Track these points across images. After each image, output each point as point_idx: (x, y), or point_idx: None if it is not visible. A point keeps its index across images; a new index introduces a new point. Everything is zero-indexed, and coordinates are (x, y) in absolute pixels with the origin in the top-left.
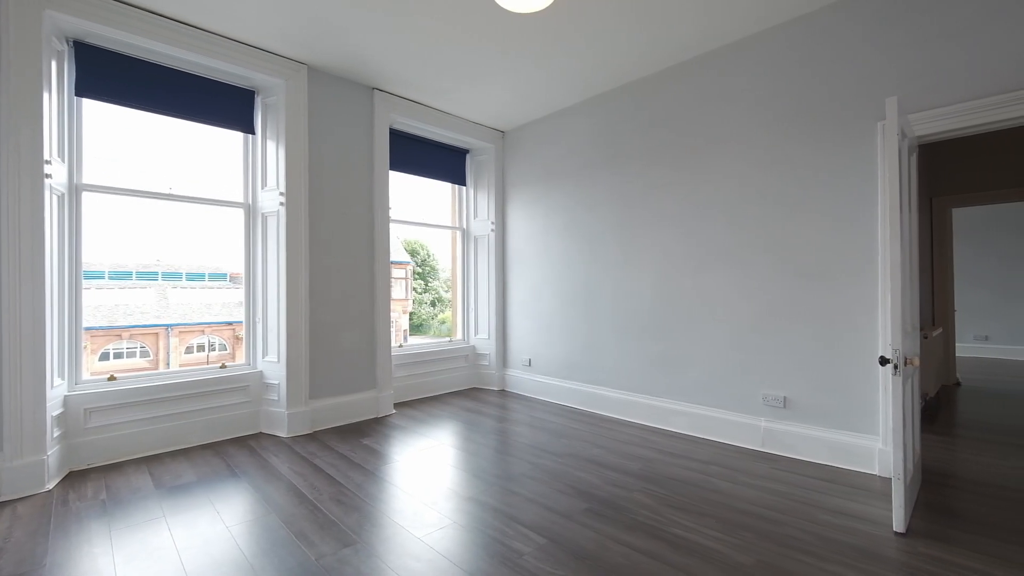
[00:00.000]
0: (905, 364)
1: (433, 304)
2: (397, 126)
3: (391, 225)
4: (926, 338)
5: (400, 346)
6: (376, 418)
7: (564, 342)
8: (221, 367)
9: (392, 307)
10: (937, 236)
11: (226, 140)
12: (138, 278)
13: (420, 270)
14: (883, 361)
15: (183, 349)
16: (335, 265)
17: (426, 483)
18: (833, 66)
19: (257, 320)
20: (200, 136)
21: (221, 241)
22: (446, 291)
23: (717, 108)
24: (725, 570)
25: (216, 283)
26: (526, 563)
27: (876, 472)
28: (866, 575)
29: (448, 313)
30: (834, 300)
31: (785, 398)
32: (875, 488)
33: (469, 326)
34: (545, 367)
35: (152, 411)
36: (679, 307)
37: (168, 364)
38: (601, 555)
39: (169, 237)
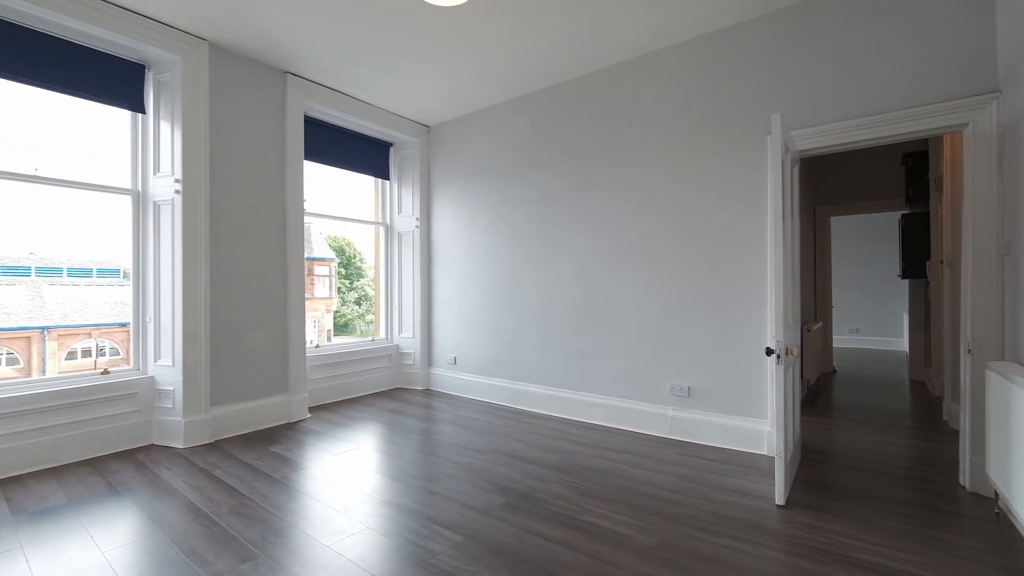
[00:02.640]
0: (787, 354)
1: (359, 303)
2: (314, 114)
3: (308, 219)
4: (808, 331)
5: (317, 346)
6: (288, 423)
7: (489, 339)
8: (103, 373)
9: (315, 306)
10: (819, 241)
11: (111, 119)
12: (3, 274)
13: (345, 268)
14: (768, 352)
15: (64, 355)
16: (241, 260)
17: (340, 489)
18: (732, 83)
19: (148, 320)
20: (79, 113)
21: (111, 232)
22: (373, 289)
23: (631, 115)
24: (632, 552)
25: (106, 279)
26: (440, 562)
27: (765, 452)
28: (751, 545)
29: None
30: (732, 298)
31: (689, 388)
32: (763, 467)
33: (393, 325)
34: (471, 365)
35: (14, 426)
36: (598, 304)
37: (44, 372)
38: (516, 548)
39: (45, 227)
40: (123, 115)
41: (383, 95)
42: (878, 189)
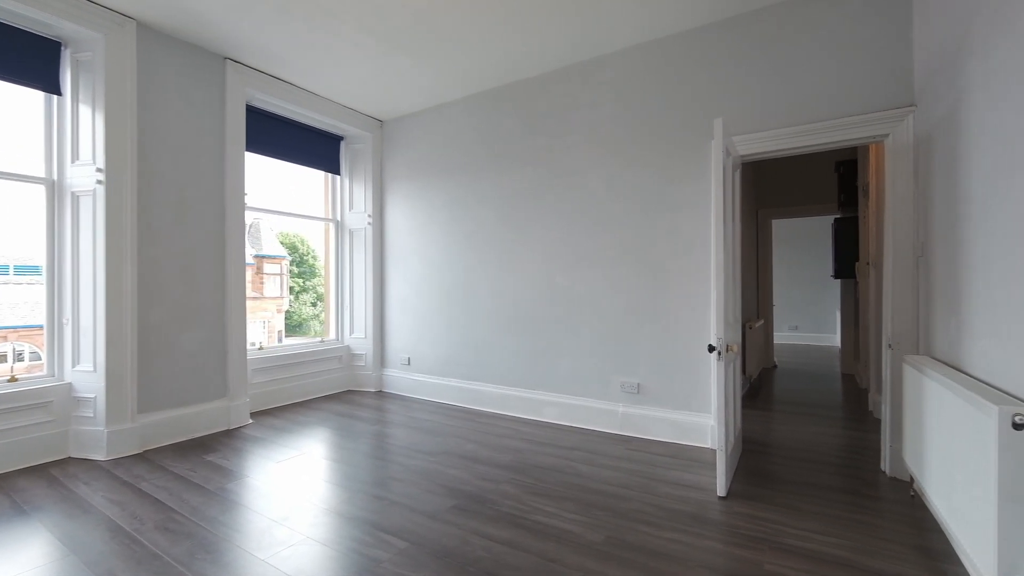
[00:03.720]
0: (727, 351)
1: (314, 304)
2: (257, 103)
3: (256, 215)
4: (750, 329)
5: (260, 348)
6: (228, 430)
7: (444, 339)
8: (10, 380)
9: (265, 306)
10: (761, 243)
11: (22, 100)
12: None
13: (299, 266)
14: (710, 349)
15: None
16: (173, 256)
17: (280, 498)
18: (679, 88)
19: (65, 321)
20: None
21: (28, 225)
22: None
23: (582, 117)
24: (578, 550)
25: (26, 277)
26: (384, 570)
27: (709, 445)
28: (693, 537)
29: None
30: (679, 297)
31: (639, 384)
32: (708, 459)
33: (344, 325)
34: (425, 365)
35: None
36: (553, 304)
37: None
38: (463, 551)
39: None
40: (36, 96)
41: (334, 87)
42: (814, 194)
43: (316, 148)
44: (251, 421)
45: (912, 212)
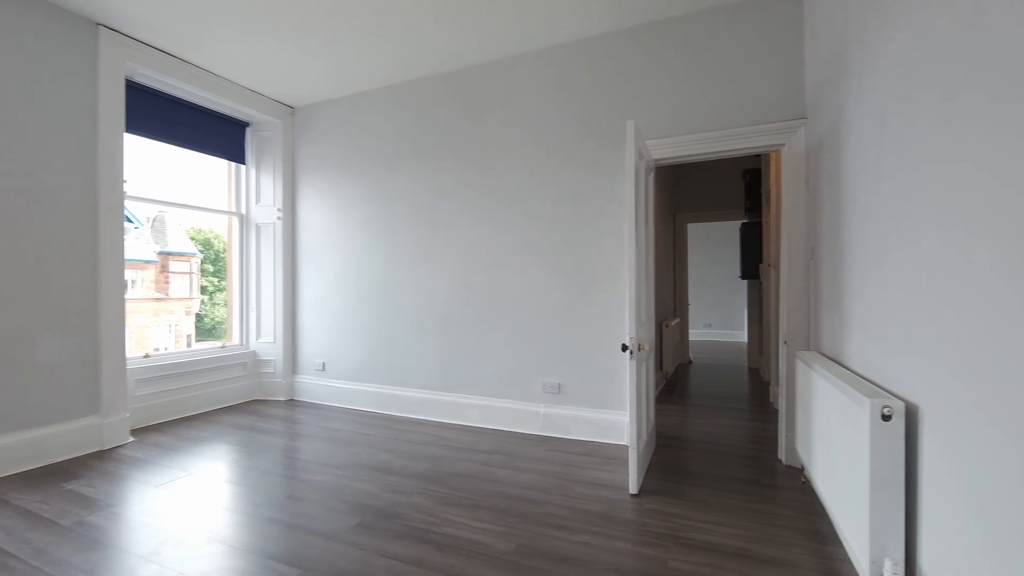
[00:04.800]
0: (639, 349)
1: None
2: (141, 79)
3: (158, 208)
4: (667, 327)
5: (147, 356)
6: (100, 452)
7: (362, 342)
8: None
9: (171, 307)
10: (677, 245)
11: None
12: None
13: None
14: (624, 348)
15: None
16: (26, 250)
17: (154, 529)
18: (598, 89)
19: None
20: None
21: None
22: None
23: (506, 114)
24: (487, 563)
25: None
26: None
27: (626, 442)
28: (603, 539)
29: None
30: (598, 297)
31: (560, 384)
32: (624, 457)
33: (249, 328)
34: (341, 370)
35: None
36: (475, 304)
37: None
38: (363, 573)
39: None
40: None
41: (237, 67)
42: (725, 200)
43: (217, 134)
44: (132, 439)
45: (804, 218)
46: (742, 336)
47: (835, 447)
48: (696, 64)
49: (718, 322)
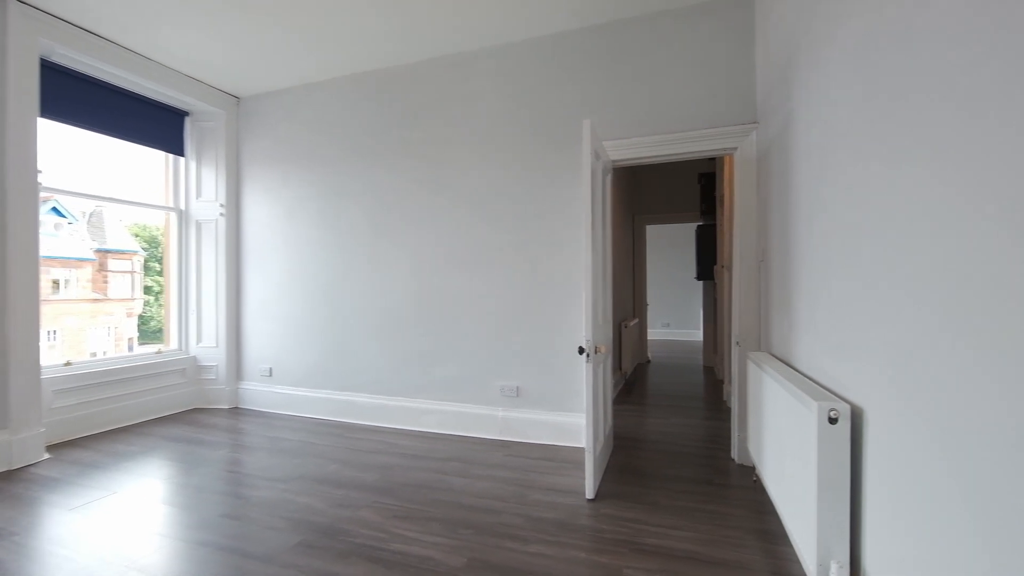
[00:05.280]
0: (596, 352)
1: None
2: (61, 60)
3: (94, 203)
4: (626, 327)
5: (68, 363)
6: (7, 472)
7: (314, 346)
8: None
9: (110, 309)
10: (636, 246)
11: None
12: None
13: (159, 263)
14: (580, 350)
15: None
16: None
17: (61, 559)
18: (555, 89)
19: None
20: None
21: None
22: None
23: (464, 111)
24: None
25: None
26: None
27: (584, 445)
28: (558, 548)
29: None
30: (555, 299)
31: (518, 388)
32: (582, 460)
33: (189, 332)
34: (291, 376)
35: None
36: (433, 306)
37: None
38: None
39: None
40: None
41: (173, 52)
42: (682, 203)
43: (151, 123)
44: (47, 456)
45: (755, 220)
46: (698, 335)
47: (784, 449)
48: (652, 67)
49: (676, 322)
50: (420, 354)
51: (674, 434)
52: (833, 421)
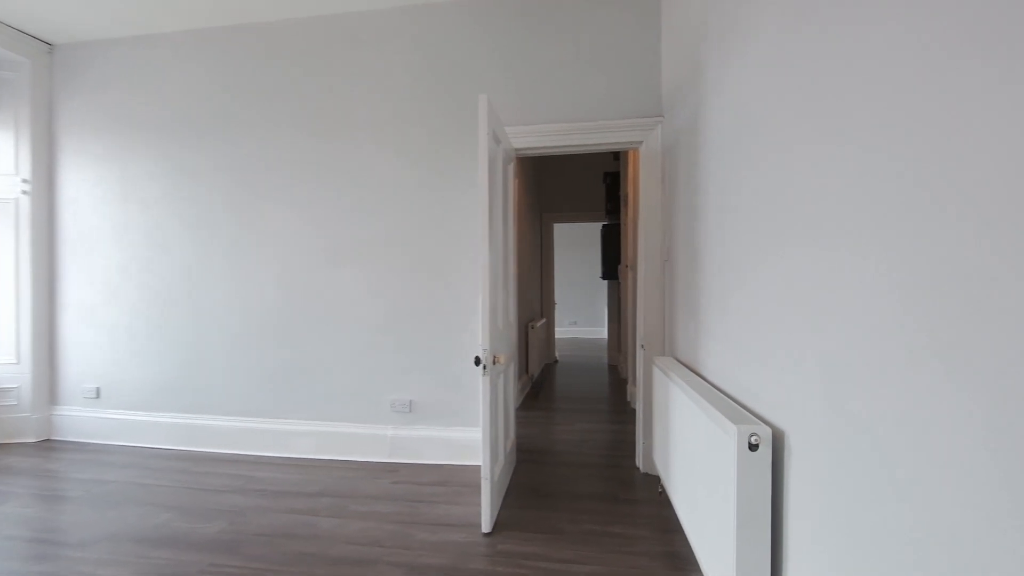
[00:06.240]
0: (494, 362)
1: None
2: None
3: None
4: (532, 328)
5: None
6: None
7: (156, 359)
8: None
9: None
10: (544, 245)
11: None
12: None
13: None
14: (476, 361)
15: None
16: None
17: None
18: (452, 66)
19: None
20: None
21: None
22: None
23: (347, 80)
24: None
25: None
26: None
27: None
28: None
29: None
30: (453, 300)
31: (411, 402)
32: (480, 483)
33: None
34: (125, 397)
35: None
36: (308, 308)
37: None
38: None
39: None
40: None
41: None
42: (589, 202)
43: None
44: None
45: (661, 218)
46: (604, 333)
47: (695, 472)
48: (559, 50)
49: (583, 320)
50: (294, 365)
51: (579, 442)
52: (753, 447)
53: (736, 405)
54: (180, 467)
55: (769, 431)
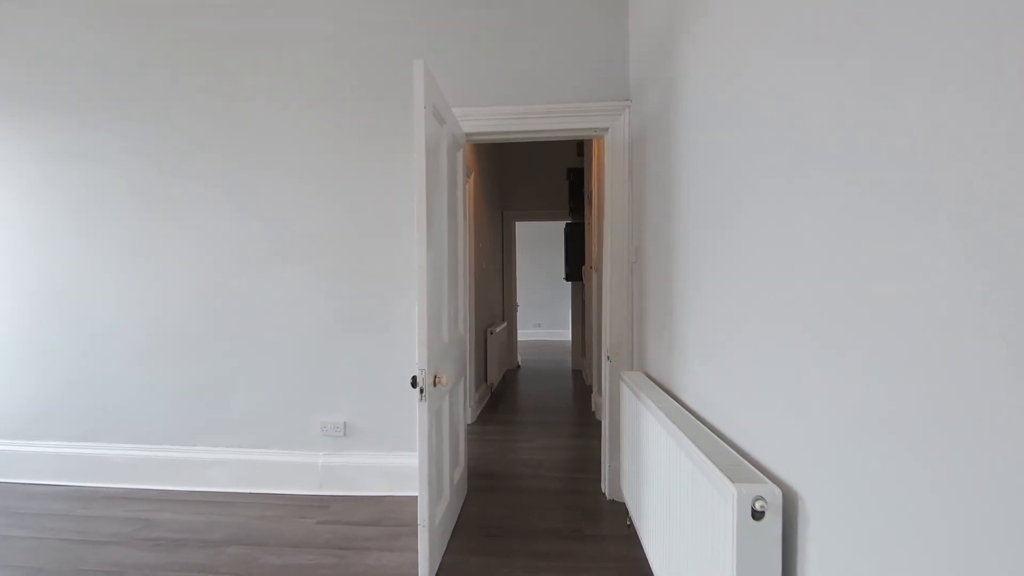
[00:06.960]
0: (435, 384)
1: None
2: None
3: None
4: (492, 333)
5: None
6: None
7: (37, 377)
8: None
9: None
10: (506, 244)
11: None
12: None
13: None
14: (413, 383)
15: None
16: None
17: None
18: (394, 36)
19: None
20: None
21: None
22: None
23: (273, 52)
24: None
25: None
26: None
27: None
28: None
29: None
30: (394, 307)
31: (346, 424)
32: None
33: None
34: None
35: None
36: (227, 317)
37: None
38: None
39: None
40: None
41: None
42: (551, 200)
43: None
44: None
45: (628, 216)
46: (568, 335)
47: (675, 523)
48: (514, 26)
49: (547, 322)
50: (209, 384)
51: (540, 462)
52: (758, 515)
53: (727, 447)
54: (61, 510)
55: (779, 493)
